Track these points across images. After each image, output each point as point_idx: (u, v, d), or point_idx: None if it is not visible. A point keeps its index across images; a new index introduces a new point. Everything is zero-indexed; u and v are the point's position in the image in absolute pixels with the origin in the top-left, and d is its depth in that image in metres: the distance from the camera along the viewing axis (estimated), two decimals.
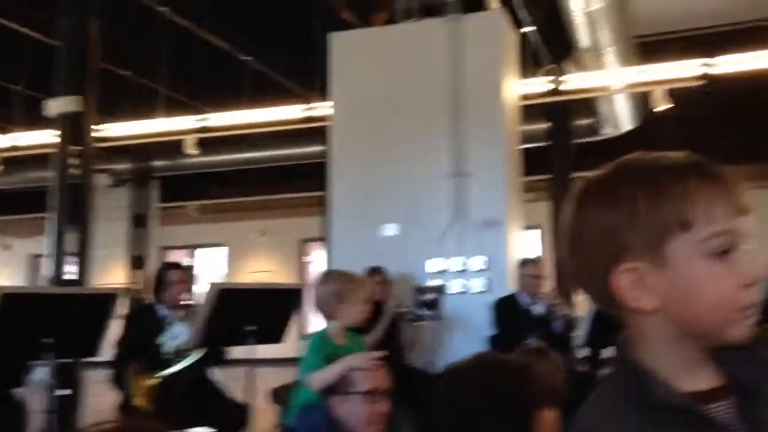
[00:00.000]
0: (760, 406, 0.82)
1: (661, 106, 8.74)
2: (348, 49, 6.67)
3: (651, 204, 0.80)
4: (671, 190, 0.80)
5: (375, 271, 5.75)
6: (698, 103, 9.08)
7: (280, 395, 4.13)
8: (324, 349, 2.74)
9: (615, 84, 8.42)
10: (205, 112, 9.96)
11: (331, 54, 6.65)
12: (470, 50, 6.17)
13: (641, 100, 9.00)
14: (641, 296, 0.82)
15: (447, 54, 6.19)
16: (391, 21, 6.92)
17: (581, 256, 0.86)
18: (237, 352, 4.05)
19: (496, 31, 6.39)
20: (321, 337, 2.93)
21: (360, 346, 2.97)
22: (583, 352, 5.25)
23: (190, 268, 12.45)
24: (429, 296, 5.80)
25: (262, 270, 13.32)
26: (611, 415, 0.83)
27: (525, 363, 1.52)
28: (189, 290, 4.52)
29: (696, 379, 0.83)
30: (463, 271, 6.00)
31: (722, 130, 10.00)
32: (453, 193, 6.06)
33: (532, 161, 7.46)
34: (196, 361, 3.94)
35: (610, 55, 7.78)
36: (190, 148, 10.20)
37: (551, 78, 8.70)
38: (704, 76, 8.28)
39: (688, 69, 8.34)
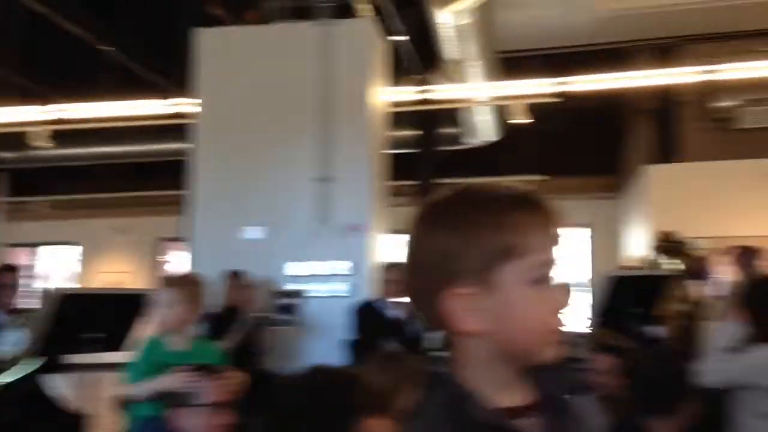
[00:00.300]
0: (567, 421, 0.90)
1: (521, 119, 9.15)
2: (215, 45, 6.49)
3: (485, 232, 0.84)
4: (504, 220, 0.85)
5: (234, 275, 5.64)
6: (554, 118, 9.59)
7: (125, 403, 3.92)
8: (154, 356, 2.63)
9: (479, 96, 8.72)
10: (58, 102, 9.34)
11: (198, 50, 6.45)
12: (339, 55, 6.17)
13: (502, 113, 9.38)
14: (469, 319, 0.85)
15: (316, 58, 6.17)
16: (261, 20, 6.79)
17: (417, 277, 0.89)
18: (78, 356, 3.80)
19: (365, 38, 6.44)
20: (153, 342, 2.79)
21: (205, 352, 2.84)
22: (439, 355, 5.37)
23: (30, 269, 11.68)
24: (287, 300, 5.74)
25: (118, 270, 12.67)
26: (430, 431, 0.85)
27: (353, 373, 1.55)
28: (26, 292, 4.20)
29: (511, 396, 0.88)
30: (326, 275, 5.99)
31: (575, 145, 10.63)
32: (318, 197, 6.03)
33: (402, 167, 7.57)
34: (31, 370, 3.66)
35: (475, 69, 8.04)
36: (41, 141, 9.53)
37: (419, 87, 8.87)
38: (560, 93, 8.74)
39: (545, 86, 8.78)
